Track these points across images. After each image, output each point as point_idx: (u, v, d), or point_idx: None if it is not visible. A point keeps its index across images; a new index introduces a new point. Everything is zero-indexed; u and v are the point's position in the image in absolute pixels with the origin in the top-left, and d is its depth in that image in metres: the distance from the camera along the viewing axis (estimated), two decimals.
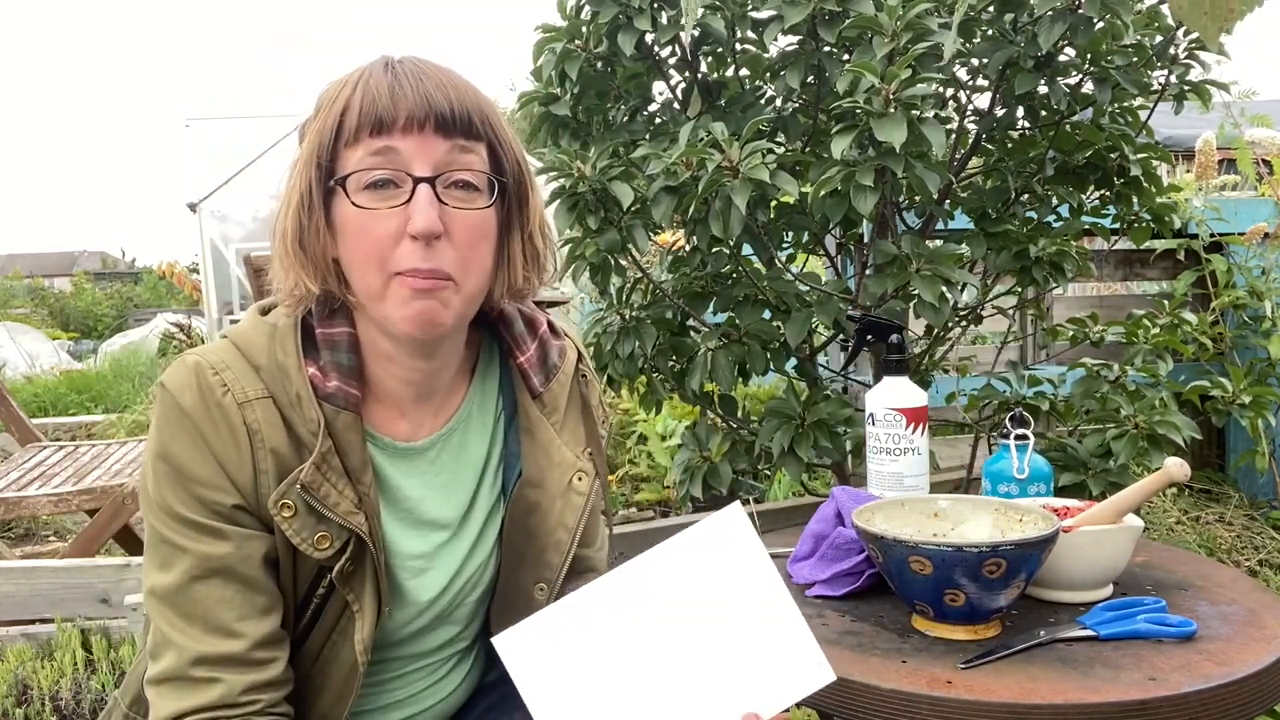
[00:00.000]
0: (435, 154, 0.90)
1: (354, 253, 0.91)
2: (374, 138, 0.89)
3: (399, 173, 0.89)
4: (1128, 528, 1.09)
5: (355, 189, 0.89)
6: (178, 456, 0.90)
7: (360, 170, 0.89)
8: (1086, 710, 0.84)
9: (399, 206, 0.89)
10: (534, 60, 1.91)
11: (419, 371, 0.99)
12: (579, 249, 1.82)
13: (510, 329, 1.06)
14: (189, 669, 0.89)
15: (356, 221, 0.90)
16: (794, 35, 1.73)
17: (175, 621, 0.90)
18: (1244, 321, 3.06)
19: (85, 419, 5.67)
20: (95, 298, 14.23)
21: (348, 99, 0.90)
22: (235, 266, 8.20)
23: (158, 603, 0.91)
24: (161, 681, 0.90)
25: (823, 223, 1.83)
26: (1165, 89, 1.84)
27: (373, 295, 0.92)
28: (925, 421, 1.27)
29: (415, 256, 0.89)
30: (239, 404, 0.91)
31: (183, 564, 0.90)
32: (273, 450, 0.91)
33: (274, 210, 0.96)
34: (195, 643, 0.89)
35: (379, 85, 0.90)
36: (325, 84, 0.95)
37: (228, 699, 0.89)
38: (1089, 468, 1.83)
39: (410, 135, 0.89)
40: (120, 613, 2.41)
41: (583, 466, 1.06)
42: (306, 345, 0.96)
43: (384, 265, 0.90)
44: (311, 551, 0.92)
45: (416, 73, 0.91)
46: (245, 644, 0.90)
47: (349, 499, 0.93)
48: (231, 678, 0.89)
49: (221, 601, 0.90)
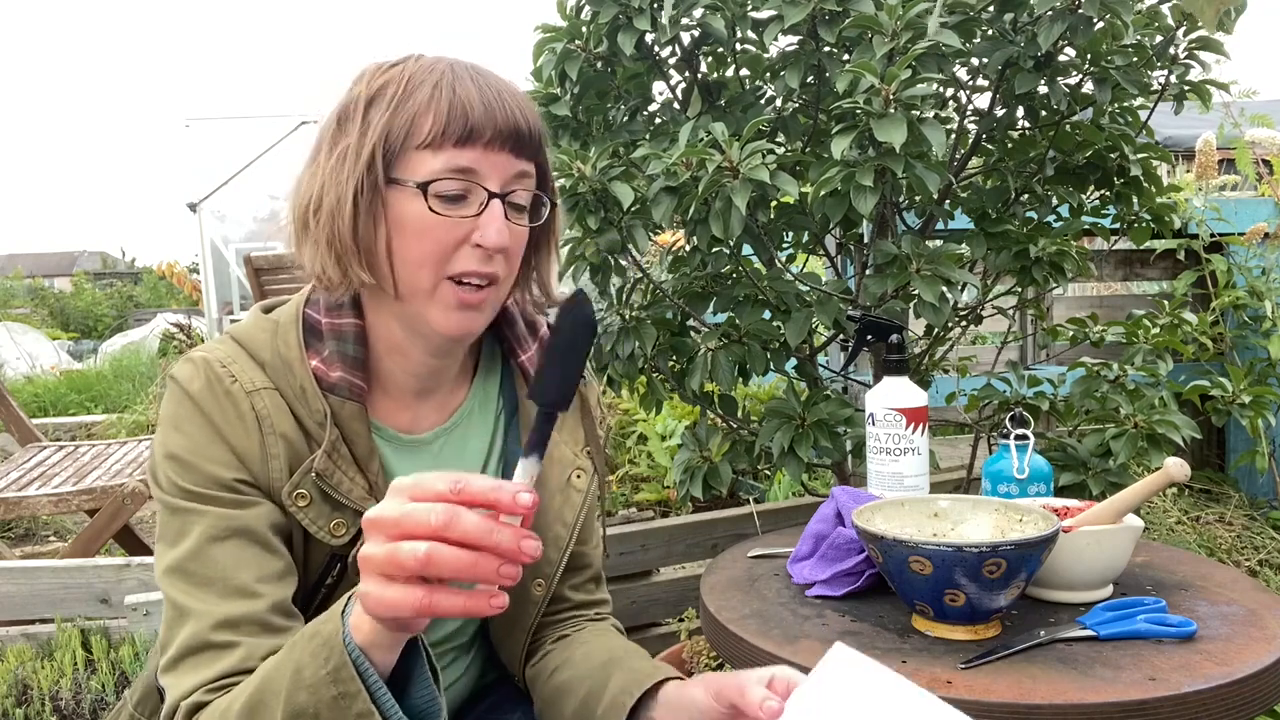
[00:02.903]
0: (507, 171, 0.92)
1: (413, 251, 0.91)
2: (458, 147, 0.89)
3: (474, 185, 0.91)
4: (1128, 528, 1.09)
5: (433, 194, 0.90)
6: (188, 440, 0.91)
7: (440, 179, 0.90)
8: (1086, 710, 0.84)
9: (468, 217, 0.91)
10: (534, 60, 1.91)
11: (429, 366, 1.00)
12: (579, 249, 1.83)
13: (512, 329, 1.08)
14: (208, 634, 0.86)
15: (425, 224, 0.90)
16: (794, 35, 1.73)
17: (192, 590, 0.88)
18: (1244, 321, 3.06)
19: (85, 419, 5.68)
20: (95, 298, 14.22)
21: (427, 98, 0.90)
22: (235, 266, 8.21)
23: (172, 577, 0.89)
24: (178, 660, 0.87)
25: (823, 223, 1.83)
26: (1165, 89, 1.84)
27: (418, 293, 0.93)
28: (925, 421, 1.27)
29: (474, 261, 0.91)
30: (247, 392, 0.92)
31: (199, 527, 0.89)
32: (283, 435, 0.92)
33: (279, 208, 0.96)
34: (214, 606, 0.87)
35: (469, 94, 0.90)
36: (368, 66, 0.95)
37: (248, 663, 0.85)
38: (1089, 468, 1.83)
39: (492, 150, 0.90)
40: (120, 613, 2.41)
41: (581, 464, 1.08)
42: (309, 338, 0.97)
43: (440, 267, 0.91)
44: (329, 539, 0.93)
45: (500, 88, 0.92)
46: (265, 605, 0.88)
47: (361, 486, 0.95)
48: (252, 640, 0.86)
49: (240, 562, 0.89)
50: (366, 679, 0.73)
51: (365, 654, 0.73)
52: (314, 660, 0.74)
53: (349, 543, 0.94)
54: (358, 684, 0.72)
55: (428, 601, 0.65)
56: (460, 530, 0.64)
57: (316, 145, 0.95)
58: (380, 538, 0.66)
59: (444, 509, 0.64)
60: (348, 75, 0.98)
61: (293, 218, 0.95)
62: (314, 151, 0.95)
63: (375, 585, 0.66)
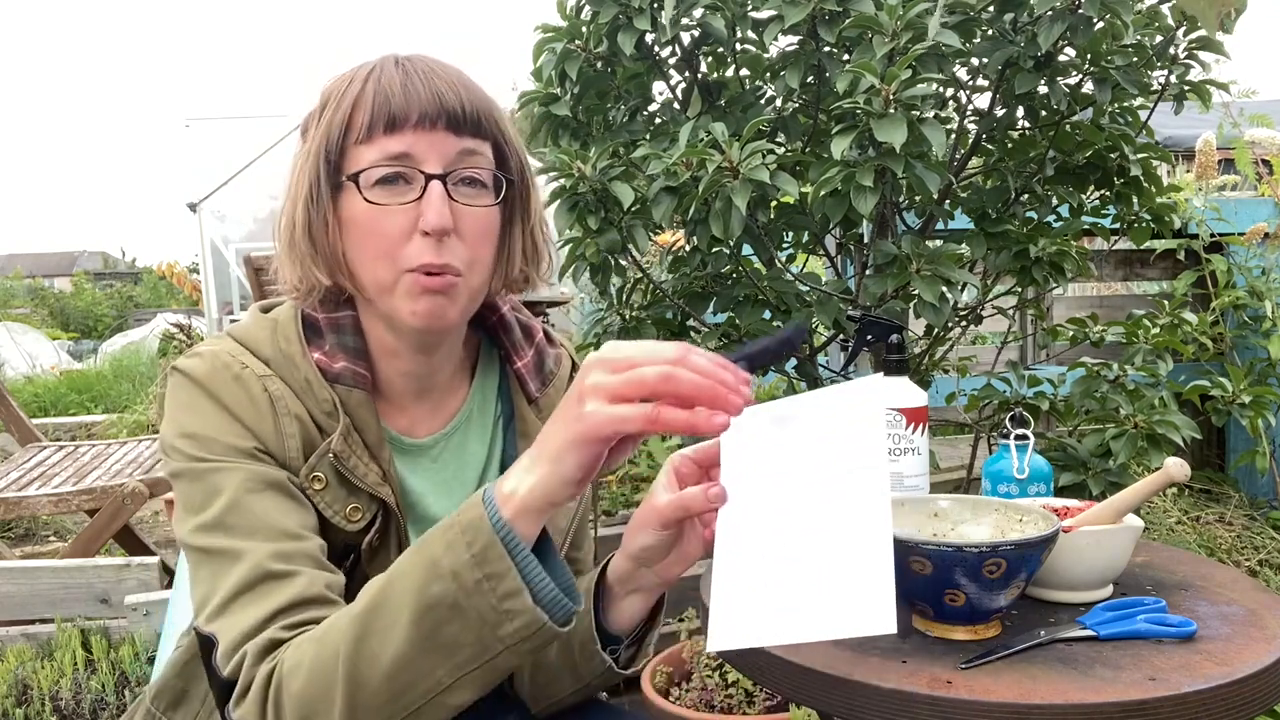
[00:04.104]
0: (446, 151, 0.91)
1: (364, 248, 0.92)
2: (387, 135, 0.89)
3: (411, 170, 0.90)
4: (1128, 528, 1.09)
5: (367, 185, 0.90)
6: (201, 418, 0.90)
7: (373, 167, 0.90)
8: (1086, 710, 0.84)
9: (410, 203, 0.90)
10: (534, 60, 1.91)
11: (421, 365, 1.00)
12: (579, 249, 1.83)
13: (509, 335, 1.07)
14: (267, 564, 0.82)
15: (367, 217, 0.90)
16: (794, 35, 1.73)
17: (237, 538, 0.84)
18: (1244, 321, 3.06)
19: (85, 419, 5.68)
20: (95, 298, 14.23)
21: (357, 95, 0.90)
22: (235, 266, 8.21)
23: (209, 533, 0.85)
24: (233, 598, 0.82)
25: (823, 223, 1.83)
26: (1165, 89, 1.84)
27: (382, 289, 0.92)
28: (925, 421, 1.27)
29: (427, 252, 0.90)
30: (258, 376, 0.92)
31: (232, 482, 0.86)
32: (296, 417, 0.92)
33: (278, 207, 0.96)
34: (266, 544, 0.84)
35: (392, 82, 0.90)
36: (329, 79, 0.95)
37: (313, 590, 0.82)
38: (1089, 468, 1.83)
39: (422, 132, 0.90)
40: (120, 613, 2.41)
41: None
42: (309, 333, 0.97)
43: (395, 261, 0.91)
44: (344, 524, 0.93)
45: (427, 71, 0.92)
46: (314, 544, 0.87)
47: (375, 471, 0.94)
48: (311, 571, 0.84)
49: (279, 510, 0.87)
50: (516, 555, 0.74)
51: (511, 529, 0.74)
52: (452, 549, 0.74)
53: (363, 530, 0.94)
54: (507, 561, 0.73)
55: (657, 414, 0.71)
56: (693, 363, 0.71)
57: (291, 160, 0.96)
58: (607, 369, 0.72)
59: (678, 346, 0.72)
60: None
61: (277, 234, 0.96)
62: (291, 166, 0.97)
63: (604, 406, 0.71)
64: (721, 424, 0.71)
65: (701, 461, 0.89)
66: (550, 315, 3.91)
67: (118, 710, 2.17)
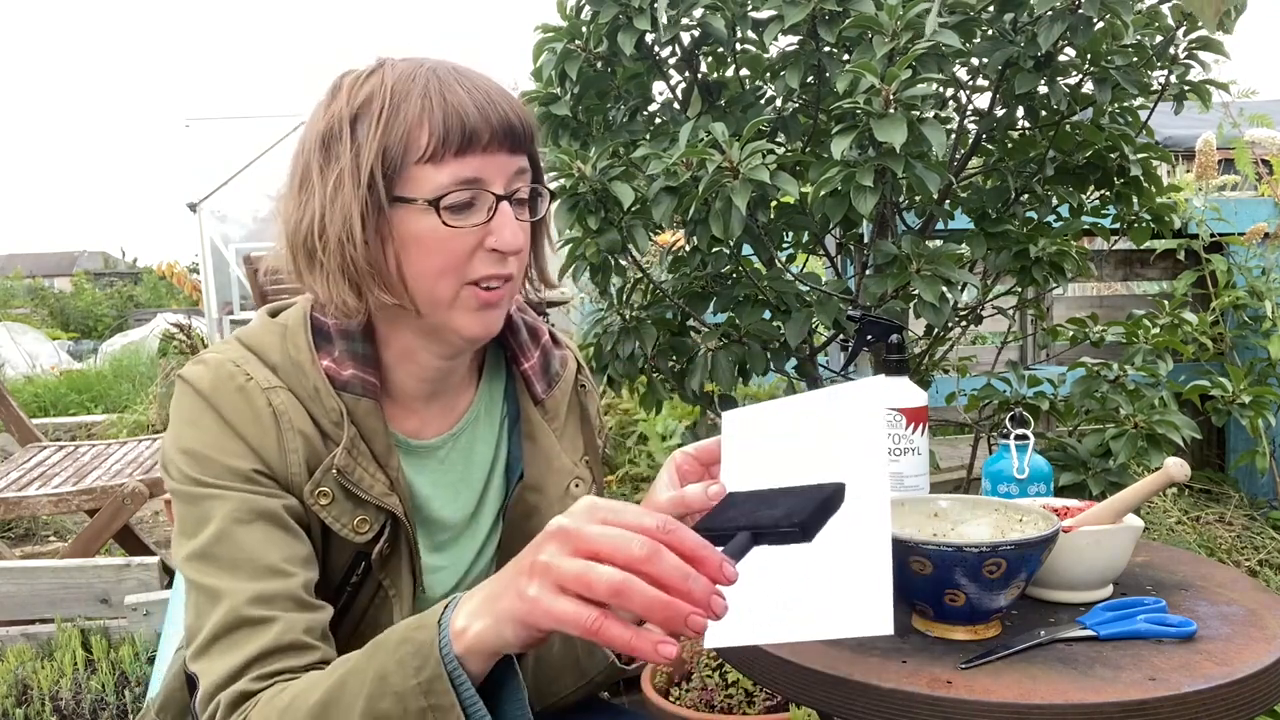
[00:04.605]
0: (508, 170, 0.91)
1: (429, 265, 0.90)
2: (460, 157, 0.88)
3: (482, 191, 0.90)
4: (1128, 528, 1.09)
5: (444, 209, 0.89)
6: (201, 434, 0.90)
7: (451, 192, 0.88)
8: (1086, 710, 0.84)
9: (480, 225, 0.90)
10: (534, 60, 1.91)
11: (439, 370, 1.00)
12: (579, 249, 1.83)
13: (516, 336, 1.07)
14: (244, 609, 0.83)
15: (438, 237, 0.89)
16: (794, 35, 1.73)
17: (219, 573, 0.85)
18: (1244, 321, 3.06)
19: (85, 419, 5.68)
20: (95, 298, 14.22)
21: (418, 112, 0.87)
22: (235, 266, 8.21)
23: (197, 563, 0.86)
24: (212, 641, 0.83)
25: (823, 223, 1.83)
26: (1165, 89, 1.84)
27: (439, 303, 0.92)
28: (925, 421, 1.27)
29: (492, 265, 0.91)
30: (263, 389, 0.91)
31: (221, 511, 0.87)
32: (300, 431, 0.91)
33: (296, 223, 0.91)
34: (245, 584, 0.84)
35: (460, 102, 0.88)
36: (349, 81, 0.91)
37: (288, 637, 0.83)
38: (1089, 468, 1.83)
39: (490, 154, 0.89)
40: (120, 613, 2.41)
41: (580, 474, 1.07)
42: (318, 339, 0.96)
43: (460, 275, 0.91)
44: (352, 536, 0.92)
45: (486, 88, 0.91)
46: (298, 582, 0.87)
47: (382, 482, 0.94)
48: (289, 615, 0.84)
49: (267, 542, 0.87)
50: (461, 694, 0.71)
51: (461, 663, 0.71)
52: (402, 668, 0.72)
53: (372, 539, 0.94)
54: (451, 697, 0.70)
55: (599, 625, 0.64)
56: (660, 568, 0.63)
57: (303, 169, 0.91)
58: (567, 549, 0.66)
59: (649, 541, 0.64)
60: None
61: (292, 250, 0.92)
62: (300, 176, 0.92)
63: (548, 594, 0.65)
64: (667, 655, 0.64)
65: (703, 459, 0.89)
66: (550, 315, 3.91)
67: (118, 710, 2.17)
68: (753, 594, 0.74)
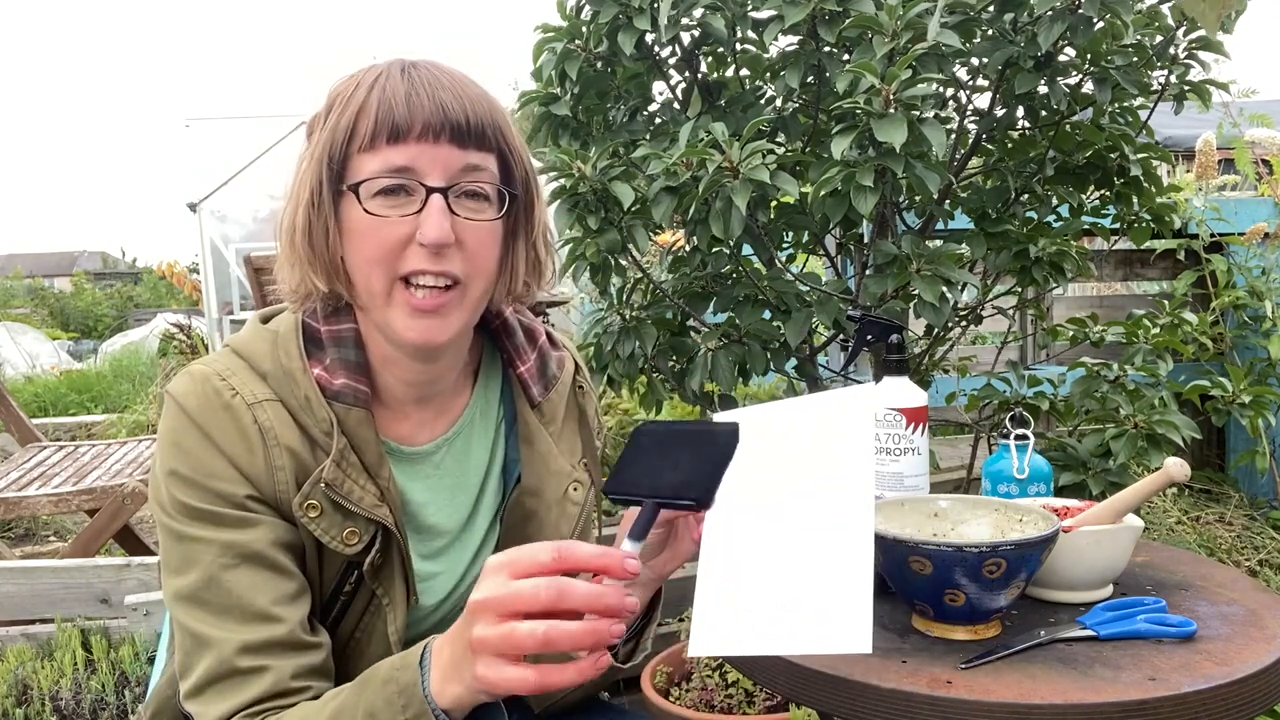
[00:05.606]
0: (449, 164, 0.90)
1: (361, 255, 0.91)
2: (390, 146, 0.88)
3: (412, 181, 0.89)
4: (1128, 528, 1.09)
5: (367, 195, 0.89)
6: (187, 457, 0.90)
7: (374, 178, 0.89)
8: (1086, 710, 0.84)
9: (410, 215, 0.89)
10: (534, 60, 1.91)
11: (422, 374, 0.99)
12: (579, 249, 1.82)
13: (511, 339, 1.06)
14: (234, 660, 0.85)
15: (366, 225, 0.90)
16: (794, 35, 1.73)
17: (208, 619, 0.87)
18: (1244, 321, 3.06)
19: (85, 419, 5.68)
20: (95, 298, 14.23)
21: (362, 102, 0.89)
22: (235, 266, 8.20)
23: (185, 605, 0.88)
24: (204, 686, 0.86)
25: (823, 223, 1.83)
26: (1165, 89, 1.84)
27: (376, 298, 0.92)
28: (925, 421, 1.27)
29: (424, 260, 0.89)
30: (249, 404, 0.91)
31: (207, 555, 0.88)
32: (288, 448, 0.91)
33: (279, 208, 0.95)
34: (235, 633, 0.86)
35: (395, 91, 0.89)
36: (337, 80, 0.94)
37: (279, 685, 0.85)
38: (1089, 467, 1.83)
39: (426, 145, 0.89)
40: (120, 613, 2.41)
41: (578, 477, 1.06)
42: (310, 347, 0.96)
43: (391, 268, 0.90)
44: (341, 548, 0.92)
45: (433, 80, 0.90)
46: (287, 627, 0.88)
47: (372, 493, 0.93)
48: (280, 663, 0.86)
49: (254, 587, 0.88)
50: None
51: (442, 712, 0.75)
52: (389, 707, 0.76)
53: (363, 550, 0.94)
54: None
55: (542, 683, 0.69)
56: (571, 601, 0.68)
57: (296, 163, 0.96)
58: (490, 618, 0.69)
59: (551, 584, 0.68)
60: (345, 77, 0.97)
61: (278, 240, 0.96)
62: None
63: (492, 668, 0.70)
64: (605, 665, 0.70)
65: None
66: (550, 315, 3.91)
67: (118, 710, 2.17)
68: (738, 605, 0.75)
